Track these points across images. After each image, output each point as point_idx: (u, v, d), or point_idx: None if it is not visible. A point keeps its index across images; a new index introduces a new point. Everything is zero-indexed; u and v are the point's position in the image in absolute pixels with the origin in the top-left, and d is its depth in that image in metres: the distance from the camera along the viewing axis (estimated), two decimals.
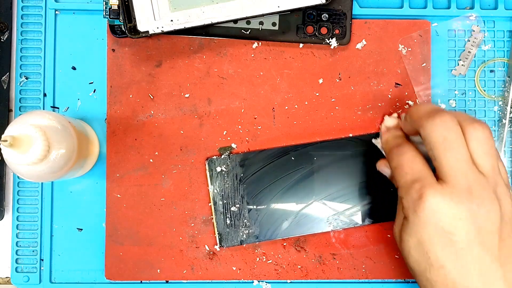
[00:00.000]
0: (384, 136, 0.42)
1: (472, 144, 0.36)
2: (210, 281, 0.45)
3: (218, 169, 0.44)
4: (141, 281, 0.45)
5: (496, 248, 0.35)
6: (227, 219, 0.44)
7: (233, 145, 0.45)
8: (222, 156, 0.45)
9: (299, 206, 0.44)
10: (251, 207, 0.44)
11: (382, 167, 0.42)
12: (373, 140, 0.44)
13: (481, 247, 0.34)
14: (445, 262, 0.35)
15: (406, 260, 0.37)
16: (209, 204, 0.45)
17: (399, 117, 0.44)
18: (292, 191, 0.44)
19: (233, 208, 0.44)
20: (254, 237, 0.44)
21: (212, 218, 0.45)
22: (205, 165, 0.45)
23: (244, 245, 0.45)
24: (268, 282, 0.45)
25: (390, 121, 0.43)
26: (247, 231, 0.44)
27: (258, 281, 0.45)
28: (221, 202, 0.44)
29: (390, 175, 0.41)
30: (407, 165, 0.37)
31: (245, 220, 0.44)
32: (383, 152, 0.42)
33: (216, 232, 0.44)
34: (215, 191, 0.44)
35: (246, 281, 0.45)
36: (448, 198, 0.34)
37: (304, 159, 0.45)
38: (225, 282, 0.45)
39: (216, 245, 0.45)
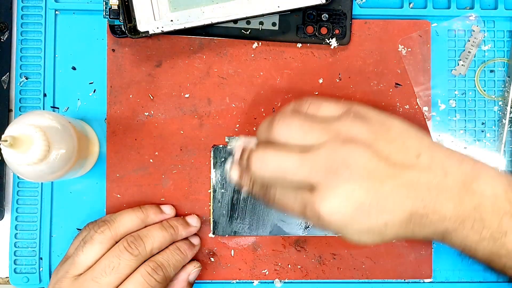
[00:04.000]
0: (245, 191, 0.41)
1: (290, 139, 0.36)
2: (210, 281, 0.45)
3: (223, 157, 0.44)
4: None
5: (391, 168, 0.34)
6: (224, 208, 0.45)
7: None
8: (228, 146, 0.45)
9: None
10: (249, 200, 0.44)
11: (232, 172, 0.42)
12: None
13: (384, 181, 0.34)
14: (384, 219, 0.34)
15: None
16: (209, 191, 0.45)
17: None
18: None
19: (231, 198, 0.44)
20: (248, 230, 0.44)
21: (210, 205, 0.45)
22: (211, 151, 0.45)
23: (237, 235, 0.45)
24: (268, 282, 0.45)
25: (234, 175, 0.40)
26: (241, 223, 0.45)
27: (258, 281, 0.45)
28: (220, 191, 0.44)
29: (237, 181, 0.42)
30: (286, 202, 0.37)
31: (241, 212, 0.44)
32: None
33: (211, 220, 0.45)
34: (217, 179, 0.44)
35: (246, 281, 0.45)
36: (328, 194, 0.34)
37: None
38: (225, 282, 0.45)
39: (210, 232, 0.45)
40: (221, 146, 0.45)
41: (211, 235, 0.45)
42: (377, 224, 0.34)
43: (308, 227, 0.45)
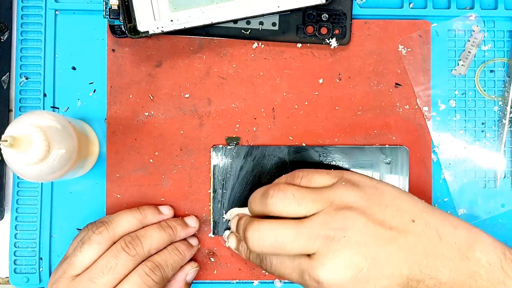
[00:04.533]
0: (242, 256, 0.42)
1: (284, 210, 0.36)
2: (210, 281, 0.45)
3: (222, 158, 0.44)
4: None
5: (387, 231, 0.35)
6: (224, 208, 0.45)
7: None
8: (228, 146, 0.45)
9: None
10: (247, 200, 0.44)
11: (230, 239, 0.43)
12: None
13: (380, 246, 0.34)
14: (381, 285, 0.35)
15: None
16: (209, 191, 0.45)
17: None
18: None
19: (231, 198, 0.44)
20: None
21: (210, 205, 0.45)
22: (210, 152, 0.45)
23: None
24: (268, 282, 0.45)
25: (232, 243, 0.43)
26: None
27: (258, 281, 0.45)
28: (220, 191, 0.44)
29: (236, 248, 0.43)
30: (283, 270, 0.37)
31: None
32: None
33: (211, 220, 0.45)
34: (217, 179, 0.44)
35: (246, 281, 0.45)
36: (327, 260, 0.34)
37: (312, 161, 0.45)
38: (225, 282, 0.45)
39: (210, 232, 0.45)
40: (221, 146, 0.45)
41: (211, 235, 0.45)
42: None
43: None
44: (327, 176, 0.38)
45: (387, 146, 0.45)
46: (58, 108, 0.46)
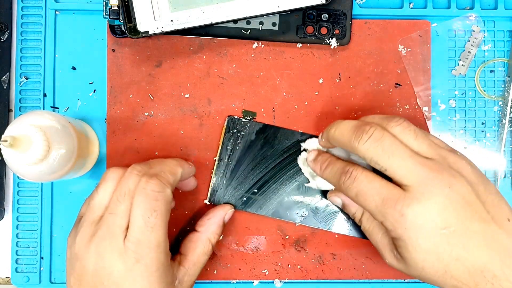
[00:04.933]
0: (320, 172, 0.41)
1: (403, 138, 0.36)
2: (210, 281, 0.45)
3: (235, 129, 0.44)
4: None
5: (485, 212, 0.35)
6: (226, 179, 0.45)
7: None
8: (244, 119, 0.45)
9: (298, 196, 0.45)
10: (251, 176, 0.45)
11: (334, 198, 0.42)
12: (302, 164, 0.44)
13: (475, 220, 0.34)
14: (458, 253, 0.34)
15: (421, 277, 0.36)
16: (214, 158, 0.45)
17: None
18: (295, 178, 0.45)
19: (233, 170, 0.45)
20: (244, 206, 0.45)
21: (212, 172, 0.45)
22: (225, 121, 0.45)
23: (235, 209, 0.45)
24: (268, 282, 0.45)
25: (311, 155, 0.42)
26: (239, 196, 0.45)
27: (258, 281, 0.45)
28: (225, 161, 0.45)
29: (343, 205, 0.42)
30: (368, 190, 0.36)
31: (241, 185, 0.45)
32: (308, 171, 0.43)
33: (210, 187, 0.45)
34: (225, 148, 0.45)
35: (246, 281, 0.45)
36: (423, 199, 0.34)
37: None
38: (225, 282, 0.45)
39: (206, 199, 0.45)
40: (236, 117, 0.45)
41: (206, 201, 0.45)
42: (450, 256, 0.34)
43: (304, 216, 0.45)
44: (443, 142, 0.38)
45: None
46: (58, 108, 0.46)
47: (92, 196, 0.38)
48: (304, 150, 0.44)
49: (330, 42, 0.45)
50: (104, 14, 0.42)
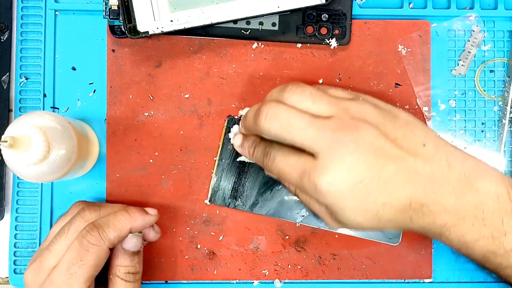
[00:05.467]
0: (249, 157, 0.41)
1: (301, 106, 0.36)
2: (210, 281, 0.45)
3: (235, 129, 0.44)
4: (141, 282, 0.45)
5: (397, 149, 0.34)
6: (226, 179, 0.45)
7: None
8: (239, 113, 0.45)
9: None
10: (252, 175, 0.45)
11: (269, 173, 0.42)
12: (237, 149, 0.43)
13: (388, 161, 0.34)
14: (382, 199, 0.34)
15: (364, 230, 0.37)
16: (214, 159, 0.45)
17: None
18: None
19: (235, 171, 0.45)
20: (244, 206, 0.45)
21: (213, 172, 0.45)
22: (225, 121, 0.45)
23: (231, 207, 0.45)
24: (268, 282, 0.45)
25: (237, 140, 0.42)
26: (240, 198, 0.45)
27: (258, 281, 0.45)
28: (226, 161, 0.44)
29: (279, 180, 0.42)
30: (286, 167, 0.36)
31: (242, 187, 0.45)
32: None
33: (211, 187, 0.45)
34: (225, 149, 0.45)
35: (246, 281, 0.45)
36: (331, 164, 0.34)
37: None
38: (225, 282, 0.45)
39: (206, 199, 0.45)
40: (236, 117, 0.45)
41: (206, 201, 0.45)
42: (375, 204, 0.34)
43: (305, 216, 0.45)
44: (345, 91, 0.38)
45: None
46: (58, 108, 0.46)
47: (53, 226, 0.41)
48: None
49: (330, 42, 0.45)
50: (104, 14, 0.42)
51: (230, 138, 0.45)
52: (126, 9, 0.41)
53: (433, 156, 0.35)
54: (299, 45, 0.45)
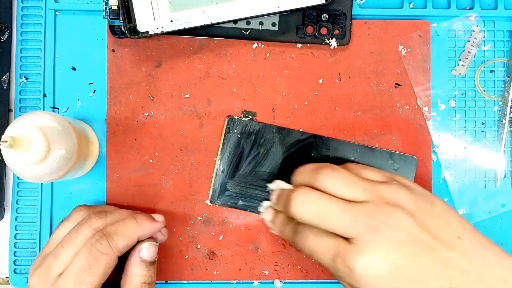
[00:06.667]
0: (277, 231, 0.41)
1: (335, 191, 0.36)
2: (210, 281, 0.45)
3: (235, 129, 0.44)
4: None
5: (432, 239, 0.34)
6: (227, 179, 0.45)
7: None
8: (243, 119, 0.45)
9: None
10: (252, 176, 0.45)
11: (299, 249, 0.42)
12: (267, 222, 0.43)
13: (423, 251, 0.34)
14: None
15: None
16: (215, 159, 0.45)
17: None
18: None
19: (234, 170, 0.45)
20: (245, 206, 0.45)
21: (214, 171, 0.45)
22: (225, 121, 0.45)
23: (232, 207, 0.45)
24: (268, 282, 0.45)
25: (268, 215, 0.42)
26: (241, 198, 0.45)
27: (258, 281, 0.45)
28: (226, 161, 0.45)
29: None
30: (318, 248, 0.36)
31: (243, 187, 0.45)
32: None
33: (212, 188, 0.45)
34: (226, 149, 0.45)
35: (246, 281, 0.45)
36: (366, 250, 0.34)
37: (322, 151, 0.45)
38: (225, 282, 0.45)
39: (207, 199, 0.45)
40: (236, 117, 0.45)
41: (207, 201, 0.45)
42: None
43: None
44: (379, 173, 0.38)
45: (397, 152, 0.45)
46: (58, 108, 0.46)
47: (54, 231, 0.40)
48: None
49: (330, 42, 0.45)
50: (104, 14, 0.42)
51: (230, 140, 0.45)
52: (126, 9, 0.41)
53: (470, 251, 0.35)
54: (299, 45, 0.45)
